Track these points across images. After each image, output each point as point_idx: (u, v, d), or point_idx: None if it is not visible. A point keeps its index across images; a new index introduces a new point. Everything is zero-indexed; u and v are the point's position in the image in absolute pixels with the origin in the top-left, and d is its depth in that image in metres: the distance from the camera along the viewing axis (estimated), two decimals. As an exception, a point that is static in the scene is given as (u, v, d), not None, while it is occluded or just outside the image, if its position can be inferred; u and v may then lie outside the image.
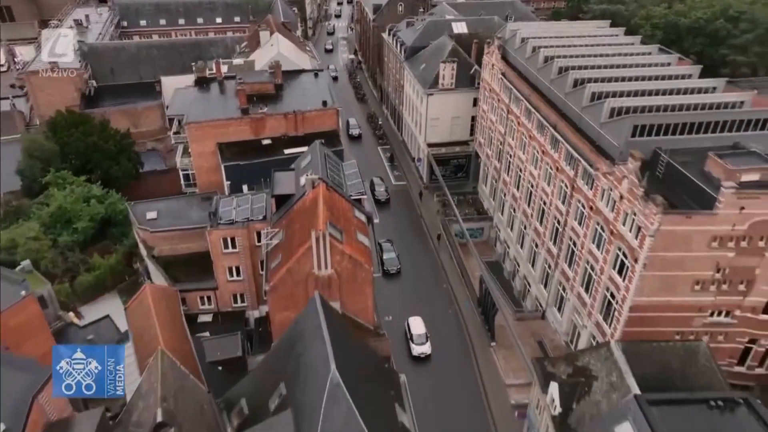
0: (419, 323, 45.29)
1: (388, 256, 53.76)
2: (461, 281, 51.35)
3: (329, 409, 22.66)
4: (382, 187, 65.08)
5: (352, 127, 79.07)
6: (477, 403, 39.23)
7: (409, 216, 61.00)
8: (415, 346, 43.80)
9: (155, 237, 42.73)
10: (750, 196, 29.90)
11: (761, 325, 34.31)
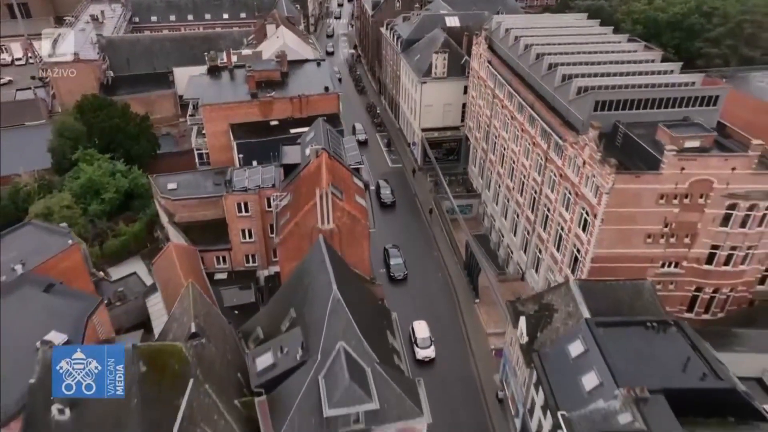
0: (424, 327, 45.18)
1: (395, 261, 53.44)
2: (451, 250, 56.66)
3: (331, 321, 27.97)
4: (388, 189, 65.65)
5: (359, 132, 78.09)
6: (462, 347, 44.64)
7: (405, 194, 66.24)
8: (420, 350, 43.86)
9: (176, 204, 48.18)
10: (688, 158, 35.24)
11: (705, 275, 39.59)
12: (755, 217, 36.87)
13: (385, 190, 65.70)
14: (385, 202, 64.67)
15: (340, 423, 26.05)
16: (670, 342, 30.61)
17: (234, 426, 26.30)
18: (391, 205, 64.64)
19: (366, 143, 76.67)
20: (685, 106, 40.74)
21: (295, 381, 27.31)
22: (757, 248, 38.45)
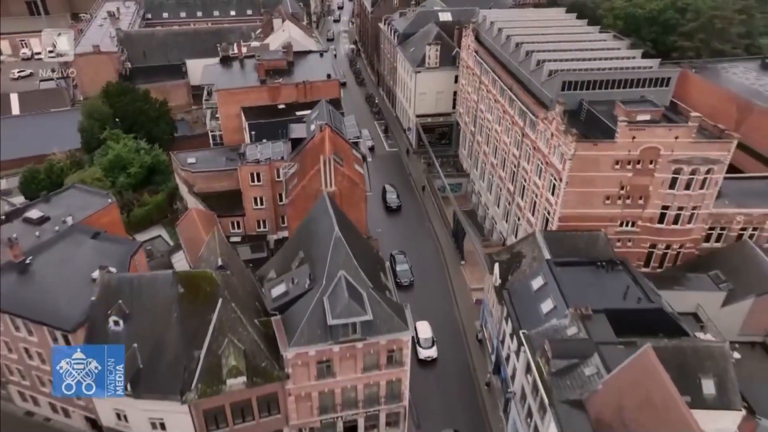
0: (426, 328, 46.26)
1: (401, 267, 53.43)
2: (441, 222, 62.92)
3: (333, 255, 34.19)
4: (394, 194, 66.22)
5: (366, 138, 74.43)
6: (448, 300, 50.93)
7: (400, 174, 72.52)
8: (422, 350, 44.82)
9: (195, 176, 54.56)
10: (638, 128, 41.44)
11: (657, 233, 45.73)
12: (697, 180, 43.00)
13: (391, 194, 66.32)
14: (390, 206, 65.18)
15: (341, 333, 32.31)
16: (615, 277, 36.93)
17: (255, 337, 32.60)
18: (397, 209, 64.92)
19: (373, 149, 76.91)
20: (642, 86, 46.88)
21: (304, 303, 33.58)
22: (701, 209, 44.57)
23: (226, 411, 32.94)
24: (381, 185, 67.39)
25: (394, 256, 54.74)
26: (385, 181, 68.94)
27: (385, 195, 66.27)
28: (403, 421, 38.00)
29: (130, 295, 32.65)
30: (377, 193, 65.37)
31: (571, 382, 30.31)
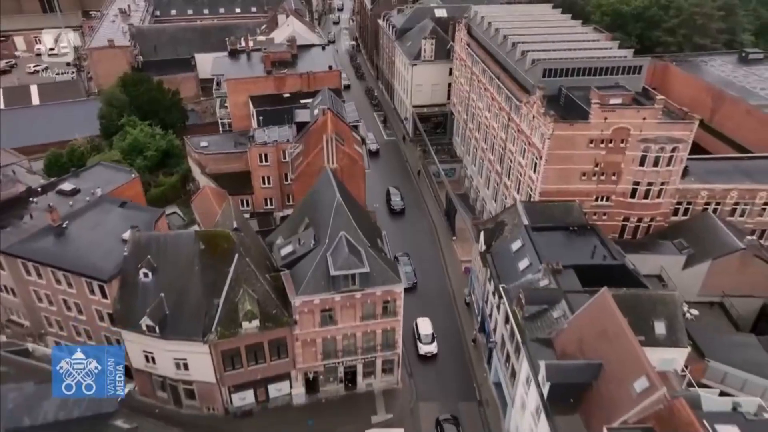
0: (427, 324, 47.91)
1: (404, 270, 52.42)
2: (435, 204, 67.70)
3: (335, 219, 38.91)
4: (398, 197, 66.60)
5: (370, 141, 77.02)
6: (440, 270, 55.78)
7: (398, 160, 77.35)
8: (422, 346, 46.46)
9: (207, 158, 59.36)
10: (609, 109, 46.20)
11: (629, 206, 50.46)
12: (664, 158, 47.74)
13: (396, 197, 66.71)
14: (394, 209, 65.32)
15: (342, 284, 37.10)
16: (585, 240, 41.76)
17: (267, 288, 37.42)
18: (401, 212, 65.21)
19: (378, 153, 78.47)
20: (616, 74, 51.58)
21: (309, 259, 38.37)
22: (668, 184, 49.32)
23: (241, 353, 37.74)
24: (381, 181, 70.00)
25: (398, 258, 54.48)
26: (382, 167, 73.68)
27: (390, 198, 66.84)
28: (397, 368, 42.79)
29: (157, 251, 37.45)
30: (381, 195, 67.40)
31: (541, 324, 35.06)
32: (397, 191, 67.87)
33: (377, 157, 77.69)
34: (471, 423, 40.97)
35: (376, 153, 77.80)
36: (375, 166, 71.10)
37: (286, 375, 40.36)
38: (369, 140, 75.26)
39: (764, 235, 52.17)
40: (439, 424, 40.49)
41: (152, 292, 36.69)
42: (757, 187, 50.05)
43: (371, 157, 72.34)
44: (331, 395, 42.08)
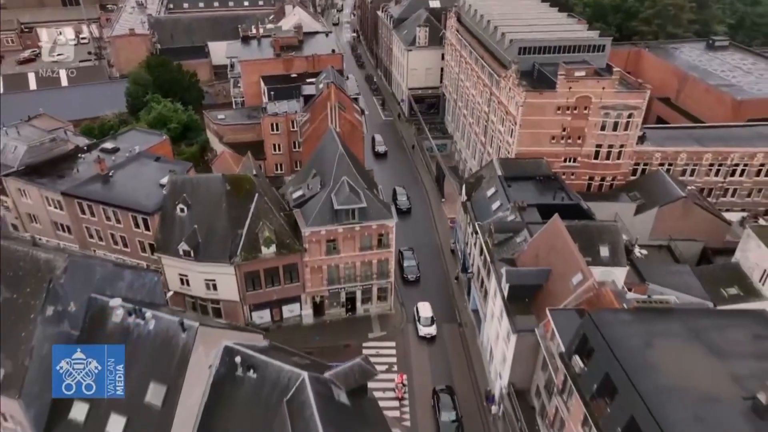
0: (427, 308, 50.56)
1: (408, 263, 56.50)
2: (428, 174, 75.68)
3: (338, 167, 46.83)
4: (404, 196, 67.79)
5: (378, 143, 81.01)
6: (430, 225, 63.82)
7: (394, 136, 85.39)
8: (422, 327, 49.12)
9: (225, 128, 67.43)
10: (573, 80, 54.13)
11: (593, 167, 58.39)
12: (621, 123, 55.69)
13: (402, 196, 67.73)
14: (401, 208, 65.27)
15: (343, 217, 45.08)
16: (549, 186, 49.77)
17: (281, 221, 45.40)
18: (407, 211, 65.89)
19: (386, 155, 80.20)
20: (583, 52, 59.56)
21: (316, 199, 46.35)
22: (626, 147, 57.23)
23: (260, 276, 45.70)
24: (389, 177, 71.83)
25: (402, 252, 57.30)
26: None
27: (396, 197, 67.27)
28: (390, 295, 50.75)
29: (191, 191, 45.38)
30: (387, 195, 65.44)
31: (506, 248, 43.02)
32: (403, 191, 68.76)
33: (384, 159, 79.26)
34: (452, 340, 48.95)
35: (384, 155, 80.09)
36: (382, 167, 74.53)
37: (297, 298, 48.34)
38: (377, 142, 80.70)
39: (711, 193, 60.16)
40: (436, 393, 43.07)
41: (187, 224, 44.62)
42: (703, 149, 58.09)
43: (378, 159, 78.03)
44: (335, 318, 50.05)
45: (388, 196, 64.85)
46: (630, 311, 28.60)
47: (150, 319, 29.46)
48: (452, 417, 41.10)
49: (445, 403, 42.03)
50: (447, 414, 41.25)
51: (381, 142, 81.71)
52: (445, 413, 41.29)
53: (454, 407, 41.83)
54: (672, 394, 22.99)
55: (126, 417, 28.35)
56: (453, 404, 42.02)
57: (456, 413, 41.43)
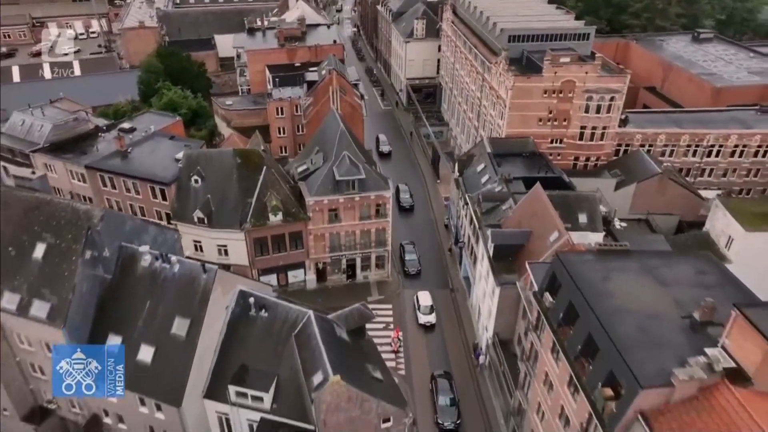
0: (427, 297, 52.26)
1: (409, 257, 57.80)
2: (424, 158, 79.94)
3: (339, 143, 51.12)
4: (407, 194, 68.69)
5: (383, 143, 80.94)
6: (426, 203, 68.18)
7: (393, 123, 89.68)
8: (422, 315, 50.76)
9: (232, 113, 71.87)
10: (558, 65, 58.36)
11: (578, 147, 62.60)
12: (604, 106, 59.90)
13: (405, 194, 68.62)
14: (404, 206, 67.09)
15: (344, 188, 49.35)
16: (534, 162, 54.03)
17: (287, 192, 49.67)
18: (410, 209, 67.17)
19: (390, 155, 79.66)
20: (569, 40, 63.85)
21: (319, 172, 50.64)
22: (609, 129, 61.46)
23: (268, 242, 49.95)
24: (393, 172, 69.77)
25: (404, 246, 59.25)
26: (380, 130, 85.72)
27: (399, 194, 68.01)
28: (387, 263, 55.01)
29: (204, 164, 49.62)
30: None
31: (493, 216, 47.25)
32: (406, 188, 69.62)
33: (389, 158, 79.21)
34: (444, 303, 53.21)
35: (388, 155, 79.82)
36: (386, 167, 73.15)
37: (301, 264, 52.58)
38: (381, 142, 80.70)
39: (690, 173, 64.37)
40: (434, 378, 44.60)
41: (201, 194, 48.89)
42: (680, 131, 62.36)
43: (382, 159, 77.15)
44: (336, 284, 54.30)
45: None
46: (593, 253, 32.79)
47: (175, 263, 33.79)
48: (448, 401, 42.60)
49: (442, 387, 43.55)
50: (444, 398, 42.83)
51: (385, 141, 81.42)
52: (442, 397, 42.89)
53: (452, 390, 43.38)
54: (622, 314, 27.21)
55: (154, 347, 32.71)
56: (450, 388, 43.52)
57: (453, 397, 42.96)
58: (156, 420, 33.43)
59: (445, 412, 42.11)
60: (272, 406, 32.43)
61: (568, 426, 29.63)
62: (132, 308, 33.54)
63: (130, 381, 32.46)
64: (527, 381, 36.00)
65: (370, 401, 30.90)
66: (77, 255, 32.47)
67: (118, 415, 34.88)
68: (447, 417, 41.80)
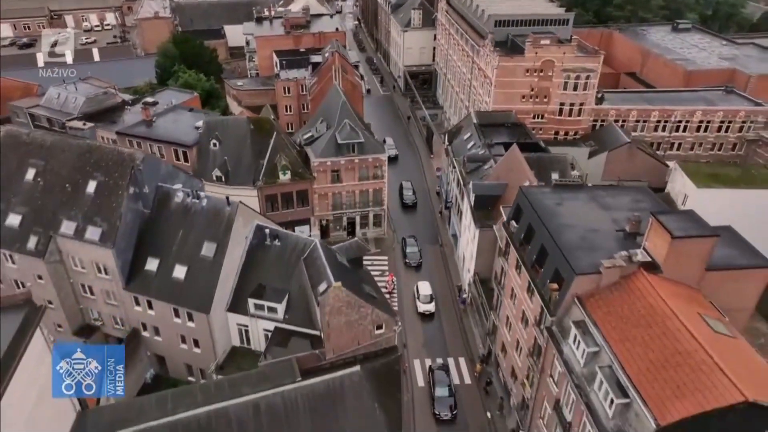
0: (426, 286, 53.62)
1: (410, 250, 59.44)
2: (419, 137, 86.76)
3: (341, 113, 57.92)
4: (410, 191, 69.90)
5: (389, 146, 77.57)
6: (420, 174, 74.95)
7: (391, 107, 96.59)
8: (421, 304, 52.04)
9: (243, 93, 78.76)
10: (538, 46, 65.13)
11: (558, 122, 69.40)
12: (580, 83, 66.68)
13: (408, 191, 70.03)
14: (406, 203, 68.60)
15: (345, 150, 56.19)
16: (514, 131, 60.79)
17: (295, 154, 56.51)
18: (413, 206, 68.40)
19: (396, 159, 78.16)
20: (550, 25, 70.68)
21: (323, 138, 57.45)
22: (586, 105, 68.22)
23: (278, 198, 56.74)
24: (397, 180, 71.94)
25: (405, 239, 61.26)
26: (379, 113, 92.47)
27: (402, 192, 69.94)
28: (384, 221, 61.82)
29: (222, 129, 56.48)
30: (394, 190, 69.77)
31: (476, 174, 54.03)
32: (410, 185, 71.05)
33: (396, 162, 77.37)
34: (434, 256, 60.02)
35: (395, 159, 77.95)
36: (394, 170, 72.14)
37: (307, 220, 59.36)
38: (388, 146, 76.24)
39: (660, 147, 71.07)
40: (431, 370, 45.14)
41: (219, 156, 55.68)
42: (650, 107, 69.08)
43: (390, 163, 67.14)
44: (338, 239, 60.71)
45: (395, 192, 69.84)
46: (550, 187, 39.51)
47: (203, 198, 40.72)
48: (446, 392, 43.22)
49: (440, 378, 44.13)
50: (441, 389, 43.35)
51: (392, 145, 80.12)
52: (439, 389, 43.38)
53: (449, 383, 43.92)
54: (568, 229, 33.90)
55: (187, 266, 39.54)
56: (448, 380, 44.14)
57: (450, 389, 43.44)
58: (187, 329, 40.24)
59: (442, 403, 42.54)
60: (285, 317, 39.35)
61: (527, 325, 36.39)
62: (167, 236, 40.40)
63: (168, 295, 39.61)
64: (499, 301, 42.75)
65: (366, 308, 37.73)
66: (123, 189, 39.34)
67: (155, 327, 41.70)
68: (444, 408, 42.33)
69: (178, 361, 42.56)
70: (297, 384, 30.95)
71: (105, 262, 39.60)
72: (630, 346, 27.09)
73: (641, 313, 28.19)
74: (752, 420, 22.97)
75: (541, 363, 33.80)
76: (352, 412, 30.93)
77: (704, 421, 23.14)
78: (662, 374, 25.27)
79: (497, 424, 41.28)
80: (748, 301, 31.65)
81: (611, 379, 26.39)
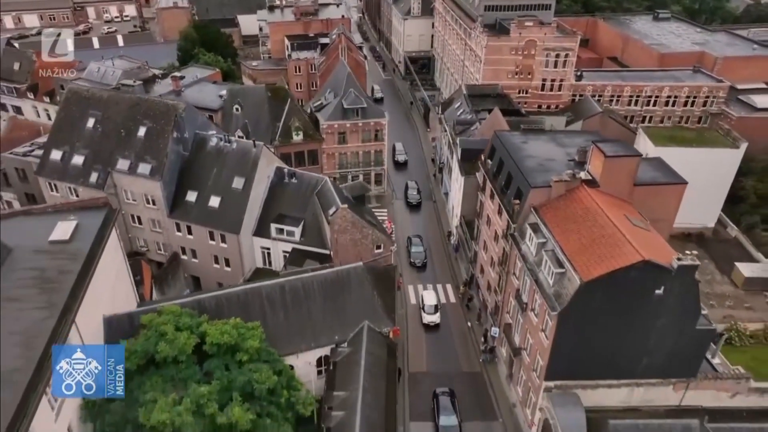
0: (432, 296, 52.31)
1: (416, 249, 59.63)
2: (418, 115, 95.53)
3: (347, 83, 66.71)
4: (415, 190, 71.03)
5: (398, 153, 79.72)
6: (417, 144, 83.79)
7: (392, 88, 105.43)
8: (426, 315, 50.46)
9: (258, 72, 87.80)
10: (522, 27, 73.81)
11: (541, 97, 78.10)
12: (560, 61, 75.36)
13: (413, 191, 71.14)
14: (411, 202, 69.99)
15: (350, 115, 64.99)
16: (500, 101, 69.42)
17: (306, 118, 65.33)
18: (417, 205, 69.50)
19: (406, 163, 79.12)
20: (535, 10, 79.31)
21: (331, 105, 66.23)
22: (565, 81, 76.87)
23: (292, 157, 65.47)
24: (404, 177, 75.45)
25: (411, 238, 61.85)
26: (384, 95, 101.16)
27: (407, 191, 71.30)
28: (384, 180, 70.58)
29: (243, 96, 65.36)
30: (399, 190, 72.54)
31: (464, 135, 62.68)
32: (415, 185, 72.23)
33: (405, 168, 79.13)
34: (427, 213, 68.74)
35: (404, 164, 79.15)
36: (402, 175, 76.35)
37: (316, 177, 68.18)
38: (398, 151, 79.79)
39: (633, 120, 79.60)
40: (435, 396, 41.76)
41: (241, 119, 64.49)
42: (623, 83, 77.71)
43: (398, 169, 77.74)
44: (343, 196, 69.73)
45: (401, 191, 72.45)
46: (519, 131, 48.24)
47: (233, 142, 49.55)
48: (453, 422, 39.61)
49: (444, 405, 40.76)
50: (447, 418, 39.81)
51: (401, 151, 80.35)
52: (444, 417, 39.90)
53: (455, 411, 40.50)
54: (530, 158, 42.59)
55: (220, 197, 48.33)
56: (453, 407, 40.69)
57: (456, 416, 40.05)
58: (220, 249, 49.05)
59: None
60: (300, 239, 48.10)
61: (497, 242, 45.06)
62: (204, 173, 49.23)
63: (205, 220, 48.44)
64: (478, 229, 51.45)
65: (367, 228, 46.56)
66: (168, 134, 48.19)
67: (192, 250, 50.52)
68: None
69: (212, 279, 51.35)
70: (313, 273, 39.83)
71: (153, 193, 48.44)
72: (568, 235, 35.78)
73: (579, 213, 36.87)
74: (648, 275, 31.55)
75: (507, 267, 42.47)
76: (355, 295, 39.75)
77: (614, 276, 31.76)
78: (589, 250, 33.95)
79: (475, 330, 49.94)
80: (669, 213, 40.26)
81: (553, 258, 35.06)
